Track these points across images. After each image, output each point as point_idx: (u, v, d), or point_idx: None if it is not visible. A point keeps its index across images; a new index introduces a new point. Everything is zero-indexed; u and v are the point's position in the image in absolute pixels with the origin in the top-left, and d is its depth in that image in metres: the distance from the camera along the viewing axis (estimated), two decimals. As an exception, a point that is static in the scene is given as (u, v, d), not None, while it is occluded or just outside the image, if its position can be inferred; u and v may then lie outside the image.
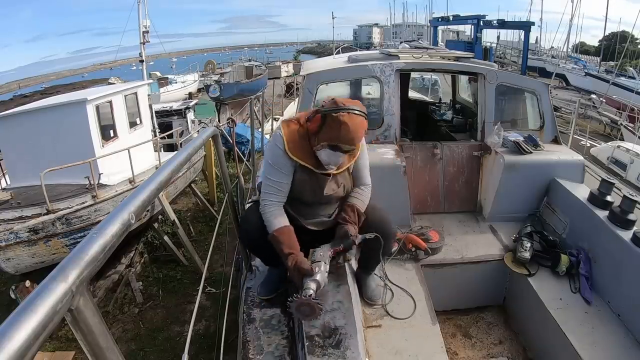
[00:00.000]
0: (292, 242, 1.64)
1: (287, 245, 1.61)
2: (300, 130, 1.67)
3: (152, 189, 0.87)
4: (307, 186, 1.71)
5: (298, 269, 1.57)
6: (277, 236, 1.63)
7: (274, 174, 1.68)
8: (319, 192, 1.72)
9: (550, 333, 2.18)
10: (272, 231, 1.65)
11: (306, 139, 1.65)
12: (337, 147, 1.56)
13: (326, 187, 1.72)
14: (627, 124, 11.35)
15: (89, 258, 0.59)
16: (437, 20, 20.10)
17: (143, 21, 8.29)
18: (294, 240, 1.65)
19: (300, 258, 1.60)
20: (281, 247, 1.61)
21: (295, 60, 36.26)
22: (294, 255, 1.60)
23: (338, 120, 1.51)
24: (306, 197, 1.74)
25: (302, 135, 1.66)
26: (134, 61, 18.44)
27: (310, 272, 1.58)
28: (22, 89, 38.67)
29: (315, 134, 1.59)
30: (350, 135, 1.53)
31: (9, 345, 0.42)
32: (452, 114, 4.29)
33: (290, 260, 1.59)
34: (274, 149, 1.67)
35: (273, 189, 1.69)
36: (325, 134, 1.55)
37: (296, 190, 1.72)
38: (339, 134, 1.52)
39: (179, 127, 8.62)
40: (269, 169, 1.70)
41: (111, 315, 5.03)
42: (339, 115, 1.51)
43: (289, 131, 1.66)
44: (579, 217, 2.57)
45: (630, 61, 26.44)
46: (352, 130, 1.52)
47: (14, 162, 5.49)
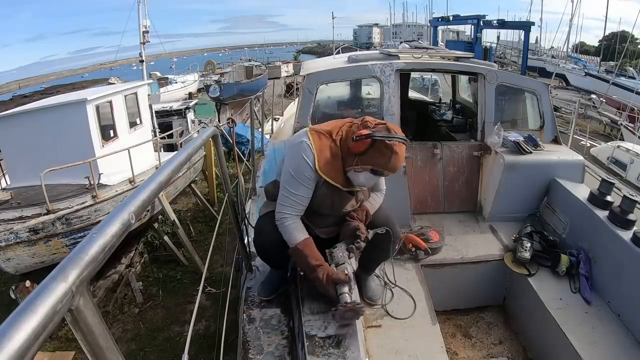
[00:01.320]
0: (316, 254, 1.64)
1: (313, 258, 1.61)
2: (333, 147, 1.59)
3: (152, 189, 0.87)
4: (328, 201, 1.68)
5: (333, 280, 1.58)
6: (301, 249, 1.62)
7: (296, 187, 1.61)
8: (339, 208, 1.72)
9: (550, 333, 2.18)
10: (295, 244, 1.63)
11: (338, 157, 1.59)
12: (380, 172, 1.55)
13: (347, 205, 1.73)
14: (627, 124, 11.35)
15: (89, 258, 0.59)
16: (437, 20, 20.08)
17: (143, 21, 8.29)
18: (317, 251, 1.64)
19: (331, 269, 1.62)
20: (307, 260, 1.61)
21: (295, 60, 36.25)
22: (323, 267, 1.61)
23: (391, 149, 1.48)
24: (324, 210, 1.72)
25: (334, 153, 1.59)
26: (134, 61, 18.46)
27: (347, 280, 1.60)
28: (22, 89, 38.68)
29: (357, 155, 1.53)
30: (398, 164, 1.52)
31: (9, 345, 0.42)
32: (452, 114, 4.29)
33: (321, 272, 1.59)
34: (301, 162, 1.58)
35: (293, 202, 1.63)
36: (371, 158, 1.51)
37: (315, 203, 1.68)
38: (388, 162, 1.50)
39: (179, 127, 8.61)
40: (291, 180, 1.61)
41: (111, 315, 5.03)
42: (393, 143, 1.48)
43: (320, 146, 1.58)
44: (579, 217, 2.57)
45: (630, 61, 26.43)
46: (400, 159, 1.52)
47: (14, 162, 5.48)
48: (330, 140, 1.60)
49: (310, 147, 1.57)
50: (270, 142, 4.54)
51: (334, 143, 1.60)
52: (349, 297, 1.57)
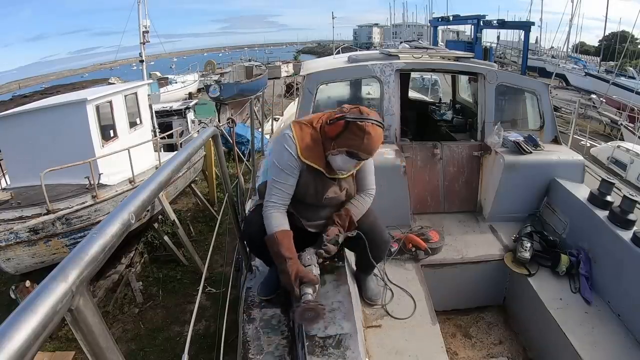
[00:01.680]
0: (291, 247, 1.63)
1: (287, 249, 1.60)
2: (313, 133, 1.65)
3: (152, 189, 0.87)
4: (311, 188, 1.71)
5: (301, 277, 1.57)
6: (277, 238, 1.62)
7: (280, 175, 1.67)
8: (321, 195, 1.73)
9: (550, 333, 2.18)
10: (273, 232, 1.63)
11: (319, 143, 1.64)
12: (355, 154, 1.56)
13: (329, 190, 1.73)
14: (627, 124, 11.35)
15: (89, 258, 0.59)
16: (437, 20, 20.09)
17: (143, 21, 8.29)
18: (292, 245, 1.64)
19: (301, 266, 1.61)
20: (280, 250, 1.60)
21: (295, 60, 36.25)
22: (294, 261, 1.59)
23: (363, 130, 1.51)
24: (308, 199, 1.74)
25: (315, 138, 1.65)
26: (134, 61, 18.46)
27: (315, 281, 1.60)
28: (22, 89, 38.68)
29: (333, 138, 1.58)
30: (371, 145, 1.54)
31: (9, 345, 0.42)
32: (452, 114, 4.29)
33: (291, 266, 1.57)
34: (283, 152, 1.64)
35: (278, 190, 1.68)
36: (346, 140, 1.54)
37: (299, 191, 1.71)
38: (361, 142, 1.52)
39: (179, 127, 8.62)
40: (276, 170, 1.68)
41: (111, 315, 5.03)
42: (365, 124, 1.51)
43: (302, 134, 1.64)
44: (579, 217, 2.57)
45: (630, 61, 26.44)
46: (373, 141, 1.53)
47: (14, 162, 5.49)
48: (311, 128, 1.67)
49: (292, 137, 1.64)
50: (270, 142, 4.54)
51: (315, 130, 1.66)
52: (310, 297, 1.55)
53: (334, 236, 1.72)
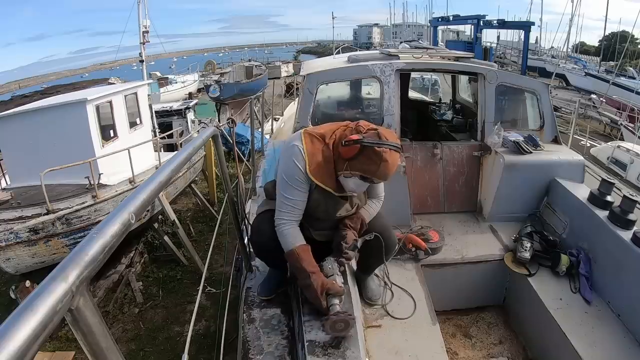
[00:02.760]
0: (312, 261, 1.62)
1: (309, 264, 1.59)
2: (325, 150, 1.57)
3: (152, 189, 0.87)
4: (322, 206, 1.67)
5: (327, 289, 1.57)
6: (298, 253, 1.60)
7: (290, 191, 1.61)
8: (332, 213, 1.71)
9: (550, 333, 2.18)
10: (292, 248, 1.61)
11: (330, 161, 1.57)
12: (369, 179, 1.52)
13: (341, 209, 1.70)
14: (627, 124, 11.36)
15: (89, 258, 0.59)
16: (437, 20, 20.09)
17: (143, 21, 8.28)
18: (313, 258, 1.63)
19: (325, 278, 1.60)
20: (302, 265, 1.58)
21: (295, 60, 36.25)
22: (318, 275, 1.58)
23: (380, 156, 1.44)
24: (318, 215, 1.71)
25: (326, 156, 1.57)
26: (134, 61, 18.46)
27: (342, 292, 1.60)
28: (22, 89, 38.68)
29: (346, 160, 1.51)
30: (387, 171, 1.49)
31: (9, 345, 0.42)
32: (452, 114, 4.29)
33: (315, 279, 1.56)
34: (292, 166, 1.57)
35: (289, 207, 1.63)
36: (361, 164, 1.48)
37: (310, 207, 1.68)
38: (377, 169, 1.47)
39: (179, 127, 8.62)
40: (285, 185, 1.61)
41: (111, 315, 5.03)
42: (382, 150, 1.44)
43: (312, 149, 1.56)
44: (579, 217, 2.57)
45: (630, 61, 26.44)
46: (390, 167, 1.48)
47: (14, 162, 5.49)
48: (323, 144, 1.58)
49: (302, 152, 1.56)
50: (270, 142, 4.53)
51: (327, 147, 1.58)
52: (338, 308, 1.56)
53: (353, 242, 1.70)
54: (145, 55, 8.62)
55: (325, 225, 1.79)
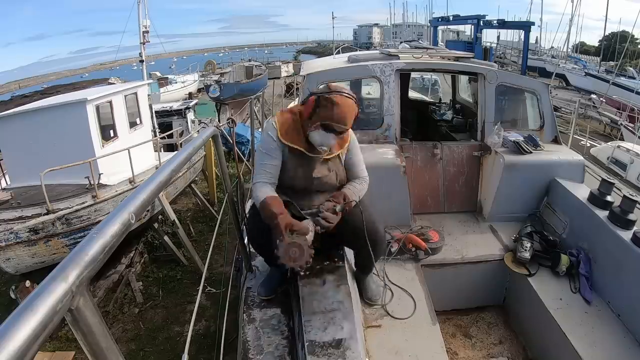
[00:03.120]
0: (281, 206, 1.63)
1: (277, 208, 1.61)
2: (292, 117, 1.77)
3: (152, 189, 0.87)
4: (299, 170, 1.77)
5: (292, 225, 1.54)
6: (267, 201, 1.63)
7: (264, 158, 1.76)
8: (310, 175, 1.77)
9: (550, 333, 2.18)
10: (263, 198, 1.64)
11: (298, 125, 1.75)
12: (329, 127, 1.63)
13: (316, 170, 1.78)
14: (627, 124, 11.36)
15: (89, 258, 0.59)
16: (437, 20, 20.11)
17: (143, 21, 8.28)
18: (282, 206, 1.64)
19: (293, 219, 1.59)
20: (271, 209, 1.60)
21: (295, 60, 36.27)
22: (284, 216, 1.59)
23: (331, 101, 1.61)
24: (298, 182, 1.78)
25: (295, 121, 1.76)
26: (134, 61, 18.47)
27: (306, 229, 1.58)
28: (22, 89, 38.67)
29: (309, 117, 1.68)
30: (342, 114, 1.62)
31: (9, 345, 0.42)
32: (452, 114, 4.29)
33: (282, 219, 1.56)
34: (266, 137, 1.77)
35: (263, 171, 1.75)
36: (318, 114, 1.64)
37: (288, 176, 1.77)
38: (332, 113, 1.61)
39: (179, 127, 8.62)
40: (260, 155, 1.77)
41: (111, 315, 5.04)
42: (332, 96, 1.62)
43: (282, 119, 1.77)
44: (579, 217, 2.57)
45: (630, 61, 26.45)
46: (343, 110, 1.62)
47: (14, 162, 5.49)
48: (290, 113, 1.80)
49: (274, 124, 1.76)
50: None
51: (294, 115, 1.78)
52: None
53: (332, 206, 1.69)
54: (145, 55, 8.62)
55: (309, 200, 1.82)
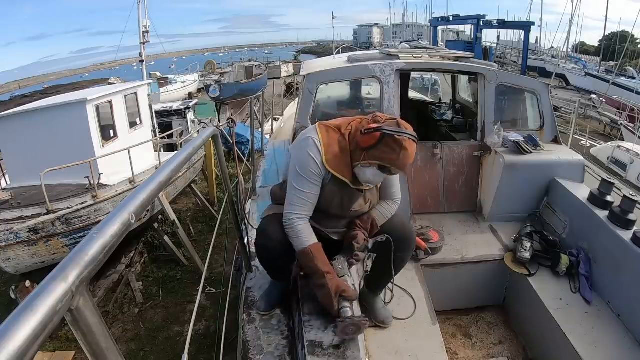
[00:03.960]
0: (326, 260, 1.57)
1: (323, 263, 1.55)
2: (341, 140, 1.55)
3: (152, 189, 0.87)
4: (336, 200, 1.62)
5: (342, 292, 1.52)
6: (311, 252, 1.55)
7: (303, 184, 1.56)
8: (347, 207, 1.65)
9: (550, 333, 2.18)
10: (307, 246, 1.55)
11: (346, 151, 1.54)
12: (387, 169, 1.49)
13: (355, 204, 1.65)
14: (627, 124, 11.36)
15: (89, 258, 0.59)
16: (437, 20, 20.13)
17: (143, 21, 8.28)
18: (326, 258, 1.58)
19: (340, 280, 1.56)
20: (316, 264, 1.53)
21: (295, 60, 36.27)
22: (333, 276, 1.54)
23: (400, 144, 1.42)
24: (332, 210, 1.65)
25: (342, 146, 1.54)
26: (134, 61, 18.45)
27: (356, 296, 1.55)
28: (22, 89, 38.66)
29: (365, 149, 1.48)
30: (406, 161, 1.46)
31: (9, 345, 0.42)
32: (452, 114, 4.29)
33: (330, 280, 1.52)
34: (306, 158, 1.53)
35: (301, 200, 1.57)
36: (380, 153, 1.45)
37: (323, 202, 1.62)
38: (397, 157, 1.44)
39: (179, 127, 8.62)
40: (298, 178, 1.56)
41: (111, 315, 5.04)
42: (403, 139, 1.42)
43: (328, 140, 1.54)
44: (579, 217, 2.57)
45: (630, 61, 26.43)
46: (409, 156, 1.46)
47: (14, 162, 5.48)
48: (339, 134, 1.56)
49: (317, 142, 1.53)
50: (270, 142, 4.54)
51: (343, 137, 1.55)
52: (350, 312, 1.53)
53: (364, 242, 1.66)
54: (145, 55, 8.62)
55: (338, 224, 1.74)
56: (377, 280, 1.96)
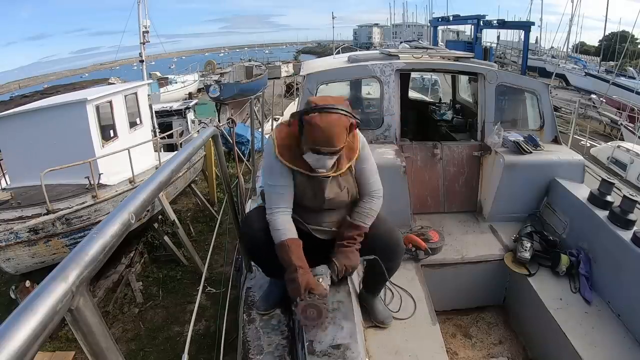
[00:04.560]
0: (302, 256, 1.56)
1: (298, 257, 1.55)
2: (290, 132, 1.58)
3: (152, 189, 0.87)
4: (308, 190, 1.63)
5: (311, 288, 1.51)
6: (288, 245, 1.56)
7: (272, 178, 1.63)
8: (321, 196, 1.63)
9: (550, 333, 2.18)
10: (284, 239, 1.57)
11: (297, 143, 1.56)
12: (317, 150, 1.46)
13: (327, 190, 1.62)
14: (627, 124, 11.36)
15: (89, 258, 0.59)
16: (437, 20, 20.15)
17: (143, 21, 8.28)
18: (302, 254, 1.58)
19: (312, 277, 1.54)
20: (290, 257, 1.54)
21: (295, 60, 36.28)
22: (305, 271, 1.53)
23: (310, 123, 1.42)
24: (308, 201, 1.65)
25: (292, 137, 1.57)
26: (134, 61, 18.46)
27: (325, 294, 1.53)
28: (22, 89, 38.66)
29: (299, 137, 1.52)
30: (324, 137, 1.41)
31: (9, 345, 0.42)
32: (452, 114, 4.29)
33: (301, 275, 1.51)
34: (267, 155, 1.63)
35: (277, 195, 1.63)
36: (305, 137, 1.47)
37: (297, 195, 1.65)
38: (314, 137, 1.43)
39: (179, 127, 8.62)
40: (268, 175, 1.66)
41: (111, 315, 5.04)
42: (311, 117, 1.42)
43: (279, 135, 1.60)
44: (579, 217, 2.57)
45: (630, 61, 26.43)
46: (326, 131, 1.41)
47: (14, 162, 5.49)
48: (288, 127, 1.59)
49: (272, 139, 1.61)
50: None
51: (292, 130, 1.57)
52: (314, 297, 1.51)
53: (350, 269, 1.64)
54: (145, 55, 8.62)
55: (320, 218, 1.72)
56: (372, 283, 1.96)
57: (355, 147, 1.64)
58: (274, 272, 1.86)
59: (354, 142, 1.63)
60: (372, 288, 1.98)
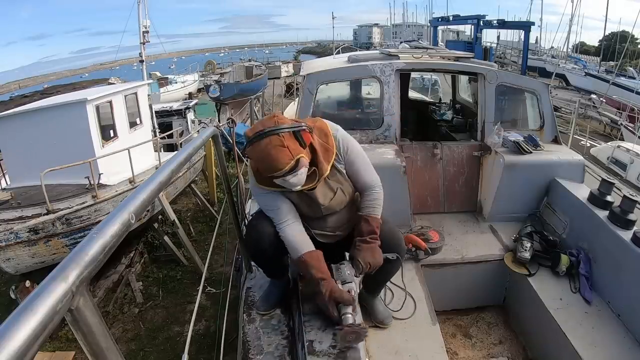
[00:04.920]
0: (322, 267, 1.57)
1: (318, 270, 1.55)
2: None
3: (152, 189, 0.87)
4: (302, 203, 1.64)
5: (335, 298, 1.51)
6: (306, 261, 1.56)
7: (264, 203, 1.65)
8: (316, 205, 1.63)
9: (550, 333, 2.18)
10: (299, 255, 1.57)
11: None
12: (273, 176, 1.43)
13: (320, 199, 1.60)
14: (627, 124, 11.36)
15: (89, 258, 0.59)
16: (437, 20, 20.16)
17: (143, 21, 8.28)
18: (324, 264, 1.58)
19: (335, 286, 1.54)
20: (311, 272, 1.54)
21: (295, 60, 36.29)
22: (328, 282, 1.53)
23: (250, 157, 1.45)
24: (306, 212, 1.67)
25: None
26: (134, 61, 18.46)
27: (351, 301, 1.54)
28: (22, 89, 38.66)
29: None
30: (265, 165, 1.39)
31: (9, 345, 0.42)
32: (452, 114, 4.29)
33: (324, 287, 1.52)
34: (251, 184, 1.63)
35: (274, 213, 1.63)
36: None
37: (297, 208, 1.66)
38: (259, 167, 1.45)
39: (179, 127, 8.62)
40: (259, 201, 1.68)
41: (111, 315, 5.04)
42: (247, 152, 1.41)
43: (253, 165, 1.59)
44: (579, 217, 2.57)
45: (630, 61, 26.43)
46: (264, 160, 1.37)
47: (14, 162, 5.49)
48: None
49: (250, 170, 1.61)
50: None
51: None
52: (351, 319, 1.51)
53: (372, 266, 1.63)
54: (145, 55, 8.62)
55: (322, 223, 1.72)
56: (372, 283, 1.95)
57: (330, 146, 1.56)
58: (275, 274, 1.89)
59: (328, 142, 1.56)
60: (373, 288, 1.98)
